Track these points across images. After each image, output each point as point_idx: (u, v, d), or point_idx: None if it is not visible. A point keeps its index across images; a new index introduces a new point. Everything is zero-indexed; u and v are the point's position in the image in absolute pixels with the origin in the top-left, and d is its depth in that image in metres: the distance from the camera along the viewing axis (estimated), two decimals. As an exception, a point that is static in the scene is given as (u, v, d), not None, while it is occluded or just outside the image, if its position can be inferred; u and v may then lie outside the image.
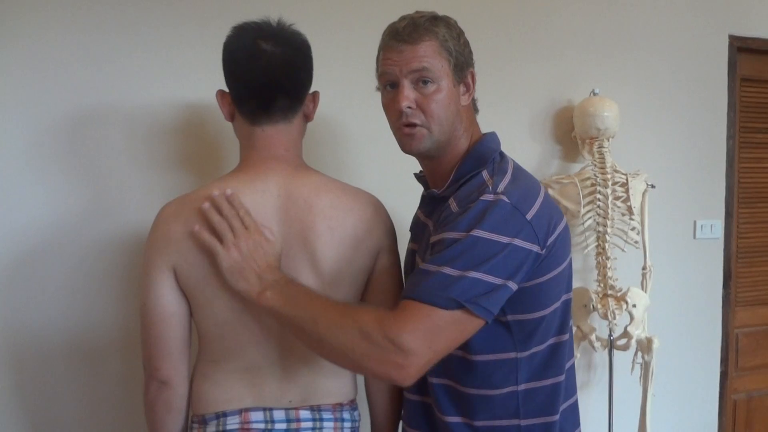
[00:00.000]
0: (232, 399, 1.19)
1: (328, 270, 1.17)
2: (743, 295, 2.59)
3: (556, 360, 1.22)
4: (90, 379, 1.65)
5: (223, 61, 1.19)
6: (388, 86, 1.20)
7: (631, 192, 1.99)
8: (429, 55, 1.15)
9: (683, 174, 2.35)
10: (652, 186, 2.09)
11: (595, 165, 2.01)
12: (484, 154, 1.20)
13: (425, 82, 1.16)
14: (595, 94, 2.07)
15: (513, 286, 1.08)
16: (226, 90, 1.22)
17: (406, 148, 1.21)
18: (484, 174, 1.17)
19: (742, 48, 2.43)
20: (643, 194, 2.06)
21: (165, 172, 1.68)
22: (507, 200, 1.09)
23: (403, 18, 1.19)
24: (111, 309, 1.65)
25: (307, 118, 1.27)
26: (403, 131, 1.19)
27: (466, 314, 1.05)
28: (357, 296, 1.25)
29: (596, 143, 2.04)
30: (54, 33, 1.58)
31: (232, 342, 1.18)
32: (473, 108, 1.27)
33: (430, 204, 1.26)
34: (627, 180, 2.00)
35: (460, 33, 1.22)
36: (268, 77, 1.16)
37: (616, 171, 2.02)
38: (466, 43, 1.22)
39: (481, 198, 1.11)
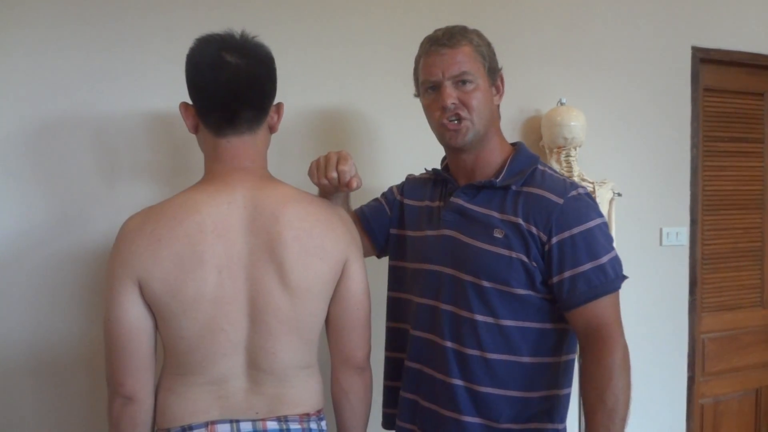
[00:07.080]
0: (198, 412, 1.18)
1: (295, 281, 1.17)
2: (708, 301, 2.63)
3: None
4: (54, 395, 1.62)
5: (186, 73, 1.19)
6: (430, 89, 1.34)
7: (598, 200, 2.01)
8: (467, 58, 1.30)
9: (649, 182, 2.39)
10: (619, 194, 2.12)
11: (563, 174, 2.04)
12: (531, 154, 1.40)
13: (464, 82, 1.30)
14: (562, 103, 2.10)
15: None
16: (190, 102, 1.21)
17: (452, 141, 1.34)
18: (541, 167, 1.36)
19: (704, 59, 2.48)
20: (610, 202, 2.10)
21: (130, 183, 1.66)
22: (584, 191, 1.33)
23: (438, 30, 1.34)
24: (76, 322, 1.62)
25: (272, 129, 1.26)
26: (448, 126, 1.32)
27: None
28: (324, 307, 1.24)
29: (563, 152, 2.06)
30: (16, 39, 1.55)
31: (198, 355, 1.16)
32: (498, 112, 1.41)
33: (469, 192, 1.37)
34: (594, 188, 2.03)
35: (488, 42, 1.36)
36: (232, 89, 1.16)
37: (583, 180, 2.05)
38: (494, 51, 1.37)
39: (577, 193, 1.30)
